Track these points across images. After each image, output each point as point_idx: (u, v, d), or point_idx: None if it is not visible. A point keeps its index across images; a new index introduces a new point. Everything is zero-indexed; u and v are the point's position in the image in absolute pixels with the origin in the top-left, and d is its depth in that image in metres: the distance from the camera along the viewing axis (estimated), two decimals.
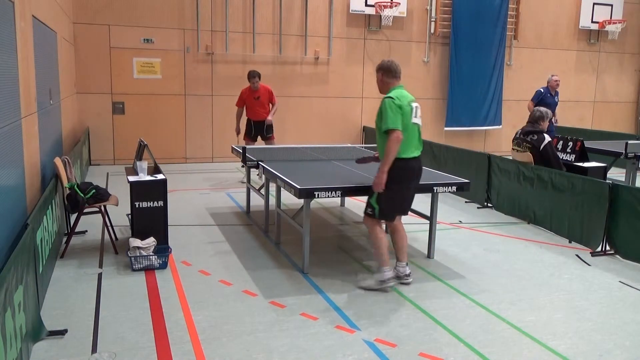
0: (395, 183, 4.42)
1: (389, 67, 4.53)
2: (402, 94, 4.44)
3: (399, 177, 4.42)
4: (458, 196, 8.13)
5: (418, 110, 4.52)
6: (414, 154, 4.48)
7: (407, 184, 4.52)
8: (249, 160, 6.17)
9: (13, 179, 3.90)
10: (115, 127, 10.53)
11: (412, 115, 4.44)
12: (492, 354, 3.56)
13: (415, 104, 4.49)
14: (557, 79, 9.78)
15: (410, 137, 4.43)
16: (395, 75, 4.54)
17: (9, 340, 2.77)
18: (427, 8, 12.25)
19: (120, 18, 10.20)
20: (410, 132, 4.42)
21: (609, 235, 5.60)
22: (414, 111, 4.47)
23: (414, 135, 4.48)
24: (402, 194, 4.55)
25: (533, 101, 9.86)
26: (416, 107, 4.50)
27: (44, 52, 5.89)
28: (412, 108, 4.45)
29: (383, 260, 4.54)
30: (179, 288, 4.53)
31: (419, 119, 4.54)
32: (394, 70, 4.53)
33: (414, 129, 4.46)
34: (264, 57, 11.18)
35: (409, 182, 4.53)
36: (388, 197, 4.47)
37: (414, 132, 4.48)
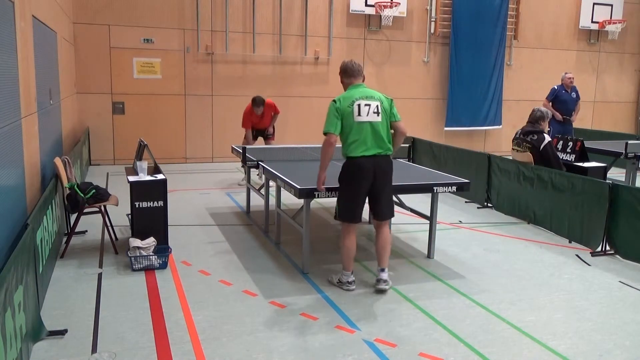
0: (343, 182, 4.45)
1: (345, 67, 4.51)
2: (350, 94, 4.38)
3: (345, 176, 4.42)
4: (458, 196, 8.13)
5: (371, 107, 4.34)
6: (364, 153, 4.32)
7: (356, 183, 4.38)
8: (249, 160, 6.17)
9: (13, 179, 3.90)
10: (115, 127, 10.53)
11: (355, 114, 4.30)
12: (492, 354, 3.56)
13: (366, 102, 4.34)
14: (570, 76, 9.85)
15: (360, 136, 4.31)
16: (352, 74, 4.48)
17: (9, 340, 2.77)
18: (427, 8, 12.25)
19: (120, 18, 10.21)
20: (357, 131, 4.31)
21: (609, 235, 5.60)
22: (360, 109, 4.31)
23: (365, 133, 4.32)
24: (351, 194, 4.43)
25: (548, 99, 9.91)
26: (366, 105, 4.32)
27: (44, 52, 5.89)
28: (356, 107, 4.31)
29: (343, 264, 4.56)
30: (179, 288, 4.53)
31: (375, 115, 4.34)
32: (350, 70, 4.48)
33: (362, 127, 4.32)
34: (264, 57, 11.18)
35: (357, 182, 4.38)
36: (339, 196, 4.51)
37: (365, 131, 4.32)
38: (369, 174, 4.35)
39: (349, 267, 4.55)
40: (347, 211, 4.46)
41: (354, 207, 4.45)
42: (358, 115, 4.31)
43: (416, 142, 9.51)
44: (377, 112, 4.36)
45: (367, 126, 4.33)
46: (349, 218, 4.48)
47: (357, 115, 4.31)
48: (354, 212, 4.46)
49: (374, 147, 4.35)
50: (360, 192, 4.41)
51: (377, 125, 4.36)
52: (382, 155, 4.39)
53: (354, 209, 4.45)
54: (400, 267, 5.16)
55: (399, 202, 6.07)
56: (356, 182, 4.39)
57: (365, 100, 4.35)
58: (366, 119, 4.32)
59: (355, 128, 4.32)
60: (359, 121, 4.31)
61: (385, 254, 4.55)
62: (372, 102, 4.36)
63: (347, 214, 4.47)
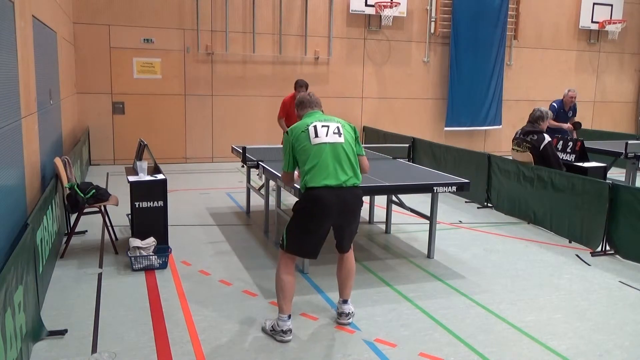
0: (299, 213, 3.69)
1: (300, 100, 3.92)
2: (304, 122, 3.75)
3: (303, 207, 3.67)
4: (458, 196, 8.13)
5: (330, 128, 3.66)
6: (326, 182, 3.57)
7: (315, 218, 3.63)
8: (249, 160, 6.17)
9: (13, 179, 3.90)
10: (115, 127, 10.53)
11: (312, 136, 3.62)
12: (492, 354, 3.56)
13: (323, 123, 3.68)
14: (573, 95, 8.76)
15: (319, 159, 3.60)
16: (308, 105, 3.87)
17: (9, 340, 2.77)
18: (427, 8, 12.25)
19: (120, 18, 10.20)
20: (315, 155, 3.60)
21: (609, 235, 5.60)
22: (317, 131, 3.64)
23: (325, 156, 3.60)
24: (306, 230, 3.67)
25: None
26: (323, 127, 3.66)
27: (44, 52, 5.89)
28: (312, 129, 3.65)
29: (280, 306, 3.72)
30: (179, 288, 4.53)
31: (336, 136, 3.65)
32: (306, 102, 3.88)
33: (321, 149, 3.60)
34: (264, 57, 11.18)
35: (315, 219, 3.63)
36: (292, 227, 3.71)
37: (324, 153, 3.60)
38: (330, 210, 3.59)
39: (284, 308, 3.68)
40: (295, 245, 3.70)
41: (304, 243, 3.71)
42: (315, 137, 3.62)
43: (416, 142, 9.51)
44: (339, 133, 3.68)
45: (327, 148, 3.61)
46: (294, 251, 3.73)
47: (313, 137, 3.62)
48: (304, 249, 3.76)
49: (336, 175, 3.60)
50: (317, 229, 3.66)
51: (339, 147, 3.64)
52: (348, 188, 3.63)
53: (304, 246, 3.72)
54: (400, 267, 5.16)
55: (399, 202, 6.08)
56: (314, 218, 3.64)
57: (322, 122, 3.70)
58: (325, 139, 3.62)
59: (312, 151, 3.61)
60: (317, 143, 3.61)
61: (348, 284, 3.95)
62: (332, 123, 3.70)
63: (294, 248, 3.71)
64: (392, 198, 6.19)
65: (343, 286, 3.98)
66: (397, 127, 11.93)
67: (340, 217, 3.68)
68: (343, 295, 3.98)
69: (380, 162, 6.35)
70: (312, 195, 3.62)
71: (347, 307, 3.96)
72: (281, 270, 3.73)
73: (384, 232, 6.32)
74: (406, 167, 6.20)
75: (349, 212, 3.71)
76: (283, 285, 3.70)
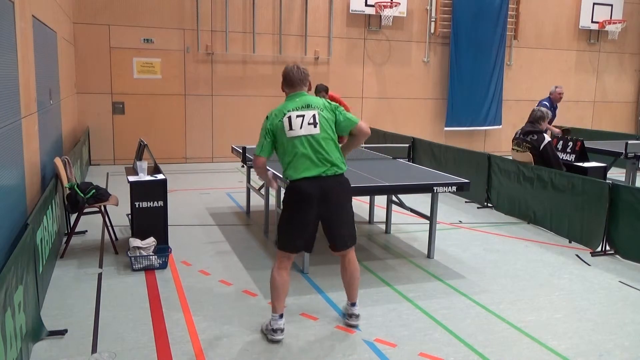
0: (285, 208, 3.72)
1: (285, 74, 3.76)
2: (283, 106, 3.69)
3: (287, 201, 3.71)
4: (458, 196, 8.13)
5: (305, 118, 3.59)
6: (305, 174, 3.58)
7: (298, 212, 3.66)
8: (249, 160, 6.17)
9: (13, 179, 3.90)
10: (115, 127, 10.53)
11: (286, 128, 3.59)
12: (492, 354, 3.56)
13: (299, 113, 3.61)
14: (561, 91, 9.02)
15: (297, 153, 3.59)
16: (291, 83, 3.73)
17: (9, 340, 2.77)
18: (427, 8, 12.25)
19: (120, 18, 10.20)
20: (292, 149, 3.60)
21: (609, 235, 5.60)
22: (291, 123, 3.59)
23: (302, 150, 3.58)
24: (292, 222, 3.70)
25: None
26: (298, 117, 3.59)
27: (44, 52, 5.89)
28: (286, 120, 3.60)
29: (272, 305, 3.74)
30: (179, 288, 4.53)
31: (311, 127, 3.59)
32: (289, 78, 3.73)
33: (297, 143, 3.59)
34: (264, 57, 11.18)
35: (300, 210, 3.65)
36: (282, 222, 3.76)
37: (301, 147, 3.58)
38: (312, 199, 3.60)
39: (276, 307, 3.70)
40: (285, 240, 3.72)
41: (294, 237, 3.71)
42: (290, 130, 3.60)
43: (416, 142, 9.51)
44: (314, 123, 3.60)
45: (302, 141, 3.59)
46: (287, 248, 3.72)
47: (288, 129, 3.60)
48: (293, 243, 3.71)
49: (315, 166, 3.60)
50: (303, 221, 3.66)
51: (316, 138, 3.60)
52: (329, 176, 3.62)
53: (294, 240, 3.71)
54: (400, 267, 5.16)
55: (399, 202, 6.08)
56: (298, 210, 3.66)
57: (297, 111, 3.62)
58: (299, 132, 3.59)
59: (289, 146, 3.61)
60: (291, 136, 3.60)
61: (353, 286, 3.90)
62: (307, 112, 3.61)
63: (285, 244, 3.72)
64: (392, 198, 6.19)
65: (348, 289, 3.94)
66: (397, 127, 11.93)
67: (324, 206, 3.63)
68: (350, 298, 3.95)
69: (380, 162, 6.35)
70: (293, 187, 3.65)
71: (355, 309, 3.94)
72: (275, 269, 3.74)
73: (384, 232, 6.32)
74: (406, 167, 6.19)
75: (331, 199, 3.64)
76: (275, 284, 3.71)
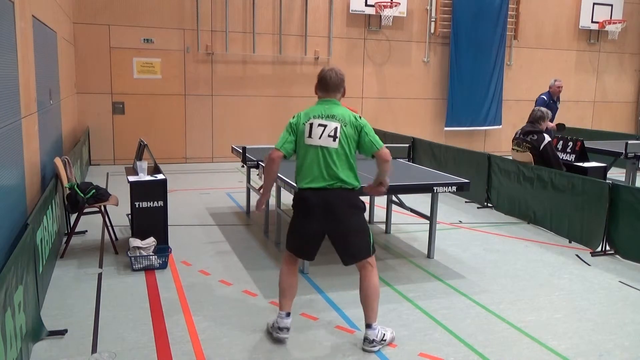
0: (293, 214, 3.71)
1: (320, 78, 3.66)
2: (311, 110, 3.63)
3: (293, 207, 3.70)
4: (458, 196, 8.13)
5: (327, 129, 3.49)
6: (310, 185, 3.52)
7: (302, 219, 3.62)
8: (249, 160, 6.17)
9: (13, 179, 3.90)
10: (115, 127, 10.53)
11: (306, 134, 3.54)
12: (492, 354, 3.56)
13: (322, 122, 3.51)
14: (560, 84, 9.00)
15: (306, 162, 3.55)
16: (325, 87, 3.62)
17: (9, 340, 2.77)
18: (427, 8, 12.25)
19: (120, 18, 10.20)
20: (304, 156, 3.56)
21: (609, 235, 5.60)
22: (312, 130, 3.52)
23: (312, 160, 3.52)
24: (296, 227, 3.67)
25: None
26: (320, 126, 3.50)
27: (44, 52, 5.89)
28: (308, 126, 3.54)
29: (279, 303, 3.74)
30: (179, 288, 4.53)
31: (330, 140, 3.48)
32: (323, 82, 3.63)
33: (310, 152, 3.53)
34: (264, 57, 11.18)
35: (303, 219, 3.61)
36: (290, 226, 3.73)
37: (313, 157, 3.52)
38: (315, 211, 3.53)
39: (282, 305, 3.68)
40: (291, 243, 3.72)
41: (298, 243, 3.69)
42: (308, 137, 3.53)
43: (416, 142, 9.51)
44: (334, 136, 3.49)
45: (317, 152, 3.51)
46: (293, 250, 3.72)
47: (307, 136, 3.54)
48: (298, 248, 3.70)
49: (322, 179, 3.51)
50: (306, 230, 3.62)
51: (331, 152, 3.49)
52: (332, 189, 3.51)
53: (298, 245, 3.69)
54: (400, 267, 5.16)
55: (399, 202, 6.08)
56: (302, 219, 3.63)
57: (321, 119, 3.53)
58: (317, 142, 3.50)
59: (303, 151, 3.57)
60: (308, 144, 3.54)
61: (368, 306, 3.60)
62: (330, 123, 3.50)
63: (291, 245, 3.72)
64: (392, 198, 6.19)
65: (364, 308, 3.63)
66: (397, 127, 11.92)
67: (326, 220, 3.53)
68: (367, 319, 3.61)
69: None
70: (298, 195, 3.64)
71: (370, 332, 3.56)
72: (282, 268, 3.76)
73: (384, 232, 6.32)
74: (406, 167, 6.20)
75: (333, 213, 3.51)
76: (280, 282, 3.73)
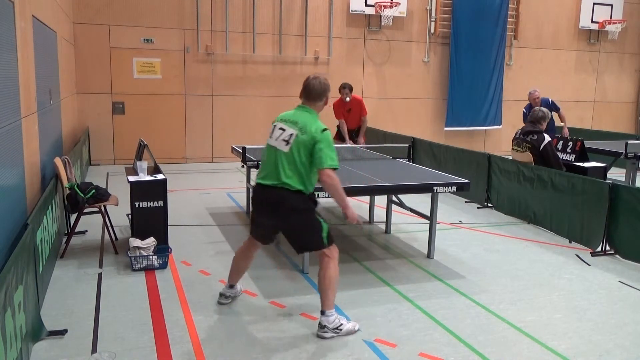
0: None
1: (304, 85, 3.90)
2: (285, 113, 3.89)
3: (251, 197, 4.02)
4: (458, 196, 8.13)
5: (284, 134, 3.71)
6: (261, 181, 3.80)
7: (255, 209, 3.93)
8: (249, 160, 6.17)
9: (13, 179, 3.90)
10: (115, 127, 10.53)
11: (270, 133, 3.85)
12: (492, 354, 3.56)
13: (283, 125, 3.75)
14: (537, 95, 8.93)
15: (264, 159, 3.86)
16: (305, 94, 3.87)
17: (9, 340, 2.77)
18: (427, 8, 12.25)
19: (120, 18, 10.20)
20: (265, 153, 3.87)
21: (609, 235, 5.60)
22: (274, 131, 3.81)
23: (270, 158, 3.78)
24: (253, 216, 3.98)
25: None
26: (280, 129, 3.75)
27: (44, 52, 5.89)
28: (272, 127, 3.86)
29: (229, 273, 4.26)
30: (179, 288, 4.53)
31: (283, 144, 3.69)
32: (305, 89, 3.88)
33: (269, 151, 3.81)
34: (264, 57, 11.18)
35: (254, 209, 3.93)
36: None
37: (270, 155, 3.78)
38: (262, 206, 3.82)
39: (229, 277, 4.20)
40: (251, 227, 4.09)
41: (254, 228, 4.04)
42: (270, 137, 3.84)
43: (416, 142, 9.51)
44: (287, 142, 3.69)
45: (272, 152, 3.77)
46: (251, 233, 4.10)
47: (270, 136, 3.86)
48: (255, 233, 4.05)
49: (270, 177, 3.74)
50: (257, 219, 3.92)
51: (281, 156, 3.70)
52: (275, 188, 3.70)
53: (255, 231, 4.04)
54: (400, 267, 5.16)
55: (399, 202, 6.08)
56: (255, 211, 3.94)
57: (285, 123, 3.78)
58: (273, 143, 3.78)
59: (265, 149, 3.88)
60: (268, 143, 3.84)
61: (322, 294, 3.75)
62: (289, 129, 3.71)
63: (251, 229, 4.11)
64: (392, 198, 6.19)
65: (320, 295, 3.80)
66: (397, 127, 11.92)
67: (272, 216, 3.78)
68: (321, 306, 3.79)
69: (380, 162, 6.36)
70: (254, 188, 3.95)
71: (323, 319, 3.74)
72: (240, 247, 4.21)
73: (384, 232, 6.32)
74: (406, 167, 6.20)
75: (276, 211, 3.71)
76: (234, 259, 4.20)
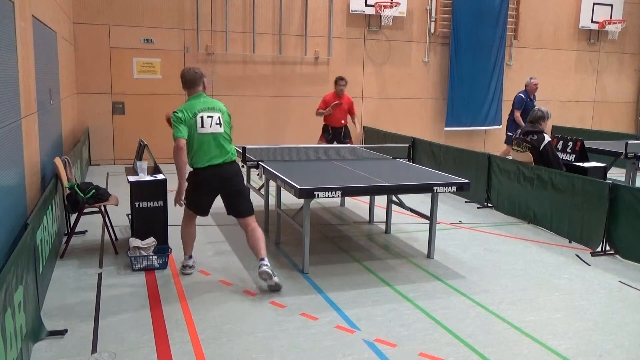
0: (191, 187, 4.62)
1: (183, 77, 4.70)
2: (191, 105, 4.55)
3: (193, 183, 4.62)
4: (458, 196, 8.12)
5: (214, 119, 4.52)
6: (210, 162, 4.52)
7: (201, 191, 4.63)
8: (249, 160, 6.16)
9: (13, 179, 3.90)
10: (115, 127, 10.53)
11: (198, 125, 4.47)
12: (492, 354, 3.56)
13: (209, 114, 4.53)
14: (536, 82, 9.75)
15: (202, 147, 4.50)
16: (191, 84, 4.66)
17: (9, 340, 2.77)
18: (427, 8, 12.25)
19: (120, 18, 10.20)
20: (199, 143, 4.50)
21: (609, 235, 5.60)
22: (203, 122, 4.48)
23: (208, 144, 4.50)
24: (198, 197, 4.67)
25: (519, 109, 9.67)
26: (208, 117, 4.50)
27: (44, 52, 5.89)
28: (199, 119, 4.48)
29: (184, 249, 4.91)
30: (179, 288, 4.53)
31: (217, 127, 4.53)
32: (188, 80, 4.67)
33: (204, 139, 4.49)
34: (264, 57, 11.18)
35: (202, 190, 4.62)
36: (189, 193, 4.65)
37: (207, 142, 4.50)
38: (213, 182, 4.58)
39: (186, 250, 4.89)
40: (193, 205, 4.74)
41: (198, 205, 4.73)
42: (201, 127, 4.49)
43: (416, 142, 9.51)
44: (220, 124, 4.56)
45: (210, 137, 4.51)
46: (195, 210, 4.76)
47: (200, 127, 4.49)
48: (200, 207, 4.75)
49: (219, 157, 4.54)
50: (206, 197, 4.67)
51: (219, 137, 4.55)
52: (227, 163, 4.59)
53: (200, 206, 4.74)
54: (400, 267, 5.16)
55: (399, 202, 6.08)
56: (201, 190, 4.62)
57: (207, 112, 4.53)
58: (209, 130, 4.51)
59: (197, 139, 4.49)
60: (202, 133, 4.49)
61: (260, 244, 4.57)
62: (214, 114, 4.55)
63: (193, 207, 4.75)
64: (392, 198, 6.19)
65: (255, 248, 4.58)
66: (397, 127, 11.92)
67: (224, 187, 4.62)
68: (260, 254, 4.50)
69: (380, 162, 6.35)
70: (198, 173, 4.57)
71: (265, 265, 4.41)
72: (184, 223, 4.84)
73: (384, 232, 6.32)
74: (406, 167, 6.19)
75: (230, 180, 4.61)
76: (182, 234, 4.86)
